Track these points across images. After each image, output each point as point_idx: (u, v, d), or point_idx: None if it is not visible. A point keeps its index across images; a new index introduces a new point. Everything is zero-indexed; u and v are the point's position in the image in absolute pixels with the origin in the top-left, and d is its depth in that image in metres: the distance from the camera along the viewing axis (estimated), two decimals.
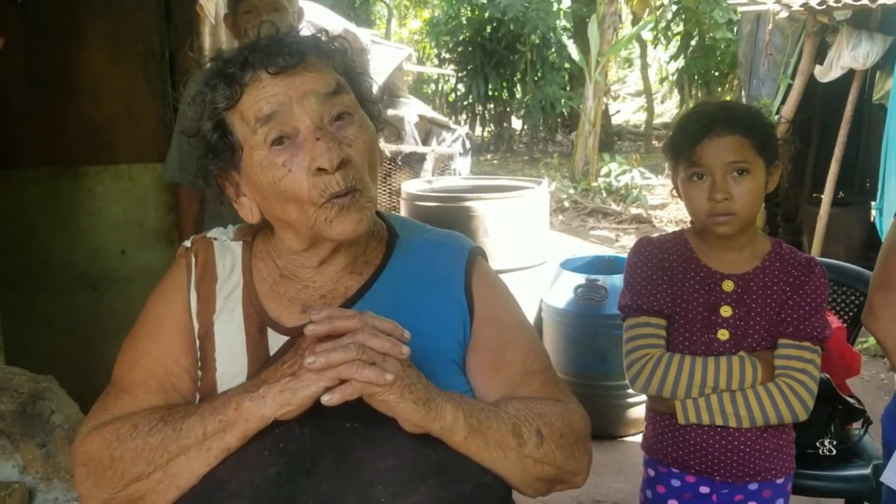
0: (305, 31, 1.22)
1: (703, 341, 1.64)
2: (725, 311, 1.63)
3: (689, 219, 1.71)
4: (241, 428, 1.00)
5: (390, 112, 6.58)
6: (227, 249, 1.21)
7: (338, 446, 1.03)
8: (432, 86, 14.60)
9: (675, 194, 1.69)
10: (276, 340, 1.13)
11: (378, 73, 6.51)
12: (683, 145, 1.60)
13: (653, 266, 1.67)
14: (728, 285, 1.64)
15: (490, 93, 13.54)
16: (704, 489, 1.68)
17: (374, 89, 1.21)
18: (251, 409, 0.99)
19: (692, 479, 1.68)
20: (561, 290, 3.55)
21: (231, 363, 1.12)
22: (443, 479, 1.02)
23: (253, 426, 1.00)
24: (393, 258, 1.20)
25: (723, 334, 1.63)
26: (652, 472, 1.75)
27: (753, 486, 1.66)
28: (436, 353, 1.11)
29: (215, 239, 1.23)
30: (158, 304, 1.20)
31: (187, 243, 1.24)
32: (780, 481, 1.68)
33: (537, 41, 12.90)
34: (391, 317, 1.11)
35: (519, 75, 13.57)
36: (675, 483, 1.70)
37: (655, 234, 1.80)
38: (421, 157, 6.38)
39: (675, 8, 13.23)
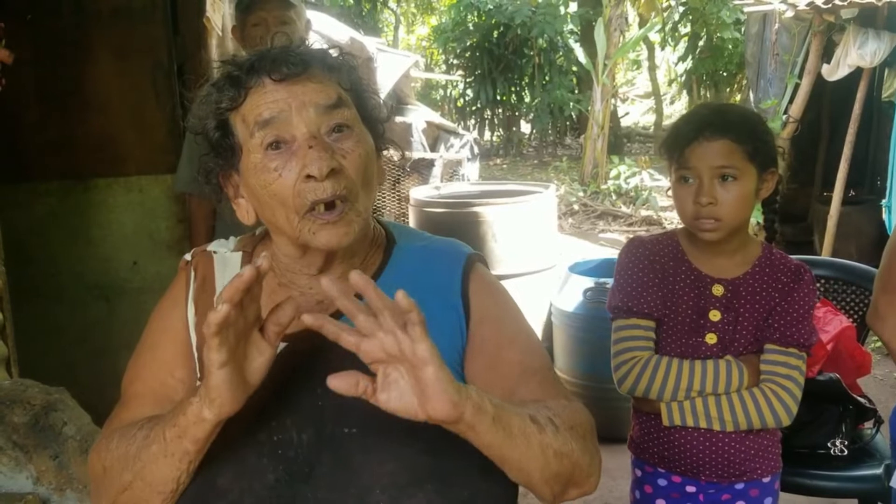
0: (313, 41, 1.24)
1: (691, 344, 1.64)
2: (714, 315, 1.63)
3: None
4: (191, 433, 0.99)
5: (398, 119, 6.60)
6: (226, 262, 1.23)
7: (336, 452, 1.04)
8: (441, 91, 14.63)
9: (669, 195, 1.69)
10: None
11: (385, 80, 6.53)
12: (674, 147, 1.60)
13: (644, 268, 1.66)
14: (718, 289, 1.63)
15: (498, 97, 13.54)
16: (691, 489, 1.67)
17: (382, 109, 1.21)
18: (194, 412, 0.98)
19: (678, 478, 1.68)
20: (570, 294, 3.55)
21: None
22: (440, 485, 1.02)
23: (200, 430, 0.99)
24: (390, 264, 1.21)
25: (710, 338, 1.63)
26: (639, 473, 1.74)
27: (740, 486, 1.66)
28: None
29: (215, 252, 1.25)
30: (159, 318, 1.24)
31: (188, 256, 1.27)
32: (766, 480, 1.67)
33: (544, 45, 12.89)
34: None
35: (527, 79, 13.56)
36: (662, 483, 1.70)
37: (646, 235, 1.79)
38: (429, 164, 6.40)
39: (681, 9, 13.20)
